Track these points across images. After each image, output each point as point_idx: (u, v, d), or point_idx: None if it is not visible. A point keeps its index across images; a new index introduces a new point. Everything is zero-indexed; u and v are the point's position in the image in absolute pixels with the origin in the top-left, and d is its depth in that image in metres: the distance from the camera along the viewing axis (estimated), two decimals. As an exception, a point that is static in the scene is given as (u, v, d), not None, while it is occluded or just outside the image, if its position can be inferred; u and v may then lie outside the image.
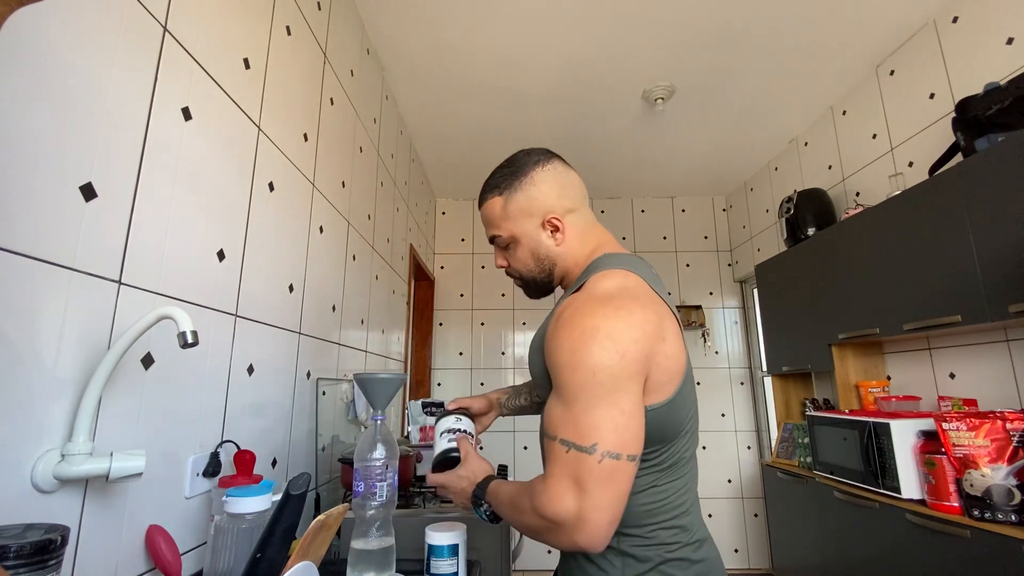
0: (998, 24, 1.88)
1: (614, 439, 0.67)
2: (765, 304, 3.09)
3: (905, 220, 1.99)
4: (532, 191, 0.88)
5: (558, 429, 0.70)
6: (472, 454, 0.92)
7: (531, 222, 0.89)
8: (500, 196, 0.89)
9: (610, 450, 0.66)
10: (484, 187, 0.93)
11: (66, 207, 0.70)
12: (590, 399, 0.68)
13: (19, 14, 0.62)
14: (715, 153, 3.39)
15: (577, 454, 0.67)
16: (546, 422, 0.74)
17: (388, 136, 2.52)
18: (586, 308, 0.73)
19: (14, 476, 0.62)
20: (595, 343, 0.69)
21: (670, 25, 2.18)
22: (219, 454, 1.00)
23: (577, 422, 0.68)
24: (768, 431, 3.60)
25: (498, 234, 0.91)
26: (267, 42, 1.29)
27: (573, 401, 0.69)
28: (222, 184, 1.08)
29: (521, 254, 0.91)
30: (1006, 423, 1.56)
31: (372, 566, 0.83)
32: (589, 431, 0.67)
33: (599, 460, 0.66)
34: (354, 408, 1.81)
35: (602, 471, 0.66)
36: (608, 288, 0.77)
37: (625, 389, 0.69)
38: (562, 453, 0.68)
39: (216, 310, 1.05)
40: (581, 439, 0.67)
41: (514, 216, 0.89)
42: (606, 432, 0.67)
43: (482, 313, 3.91)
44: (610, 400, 0.68)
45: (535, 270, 0.91)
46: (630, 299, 0.74)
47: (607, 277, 0.80)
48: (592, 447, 0.66)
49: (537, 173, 0.89)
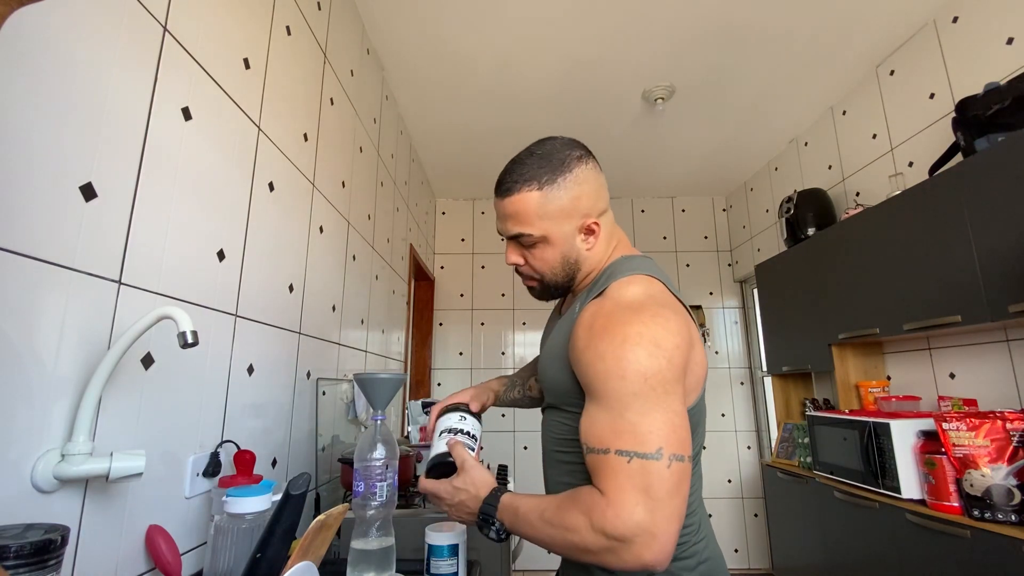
0: (998, 24, 1.88)
1: (676, 442, 0.65)
2: (765, 304, 3.09)
3: (905, 220, 1.99)
4: (576, 189, 0.81)
5: (610, 440, 0.66)
6: (470, 463, 0.82)
7: (569, 224, 0.82)
8: (539, 190, 0.80)
9: (676, 453, 0.64)
10: (514, 176, 0.81)
11: (66, 207, 0.70)
12: (645, 404, 0.66)
13: (19, 14, 0.62)
14: (715, 153, 3.39)
15: (642, 462, 0.63)
16: (590, 436, 0.69)
17: (388, 136, 2.52)
18: (623, 316, 0.71)
19: (14, 476, 0.62)
20: (642, 349, 0.67)
21: (670, 25, 2.18)
22: (219, 454, 1.00)
23: (635, 429, 0.65)
24: (768, 431, 3.60)
25: (529, 232, 0.81)
26: (267, 42, 1.29)
27: (625, 409, 0.66)
28: (222, 184, 1.08)
29: (550, 255, 0.83)
30: (1006, 423, 1.56)
31: (372, 566, 0.83)
32: (650, 437, 0.64)
33: (668, 465, 0.63)
34: (354, 408, 1.81)
35: (672, 477, 0.63)
36: (636, 295, 0.75)
37: (675, 392, 0.67)
38: (623, 464, 0.64)
39: (216, 310, 1.05)
40: (643, 446, 0.64)
41: (553, 215, 0.80)
42: (667, 435, 0.64)
43: (482, 313, 3.91)
44: (665, 404, 0.66)
45: (560, 273, 0.85)
46: (661, 306, 0.73)
47: (632, 283, 0.77)
48: (658, 452, 0.63)
49: (580, 169, 0.82)
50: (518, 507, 0.74)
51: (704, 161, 3.50)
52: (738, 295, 3.94)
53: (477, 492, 0.79)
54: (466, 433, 0.89)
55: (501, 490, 0.79)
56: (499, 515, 0.76)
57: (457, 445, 0.85)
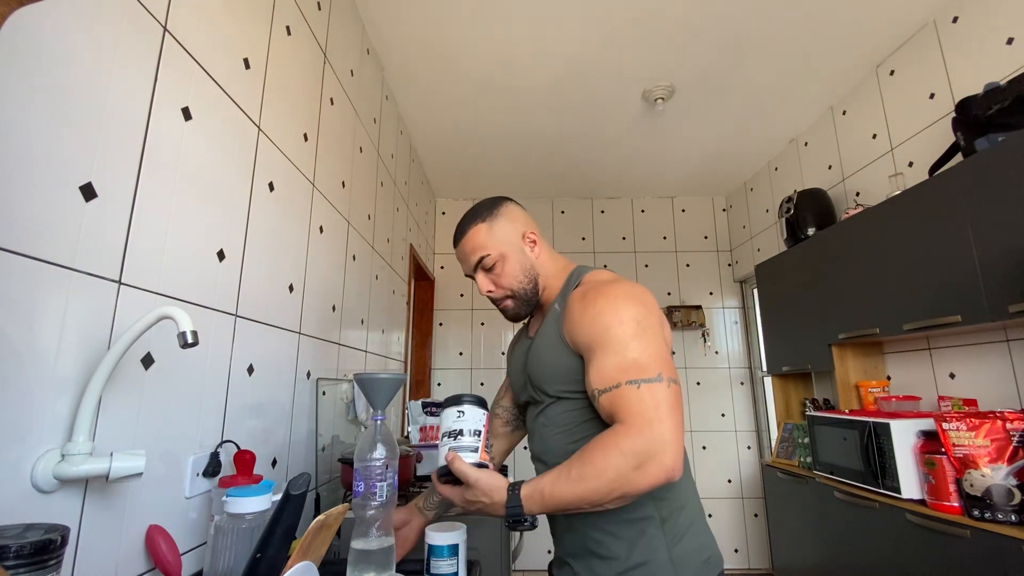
0: (998, 24, 1.88)
1: (668, 369, 0.80)
2: (765, 304, 3.09)
3: (905, 220, 1.99)
4: (510, 215, 1.03)
5: (619, 376, 0.79)
6: (472, 476, 0.83)
7: (515, 238, 1.01)
8: (484, 223, 1.01)
9: (672, 377, 0.79)
10: (462, 226, 1.03)
11: (66, 207, 0.70)
12: (641, 342, 0.81)
13: (19, 14, 0.62)
14: (715, 153, 3.39)
15: (649, 386, 0.76)
16: (600, 379, 0.81)
17: (388, 136, 2.52)
18: (608, 287, 0.88)
19: (14, 476, 0.62)
20: (630, 303, 0.85)
21: (670, 25, 2.18)
22: (219, 454, 1.00)
23: (638, 362, 0.79)
24: (768, 431, 3.60)
25: (487, 254, 0.99)
26: (267, 42, 1.29)
27: (626, 348, 0.80)
28: (222, 184, 1.08)
29: (510, 268, 1.00)
30: (1006, 423, 1.56)
31: (372, 566, 0.83)
32: (651, 365, 0.78)
33: (667, 385, 0.77)
34: (354, 408, 1.81)
35: (671, 395, 0.77)
36: (610, 276, 0.94)
37: (659, 335, 0.83)
38: (634, 391, 0.77)
39: (216, 310, 1.05)
40: (646, 373, 0.78)
41: (499, 235, 1.00)
42: (663, 364, 0.79)
43: (482, 313, 3.91)
44: (654, 341, 0.82)
45: (524, 281, 1.01)
46: (632, 283, 0.91)
47: (601, 272, 0.97)
48: (659, 376, 0.78)
49: (509, 205, 1.05)
50: (542, 489, 0.79)
51: (704, 161, 3.50)
52: (738, 295, 3.94)
53: (493, 500, 0.82)
54: (465, 432, 0.87)
55: (517, 486, 0.82)
56: (527, 512, 0.81)
57: (456, 460, 0.84)
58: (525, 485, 0.82)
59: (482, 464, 0.86)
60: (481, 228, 1.01)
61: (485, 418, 0.90)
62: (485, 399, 0.93)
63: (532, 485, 0.81)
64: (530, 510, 0.80)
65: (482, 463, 0.86)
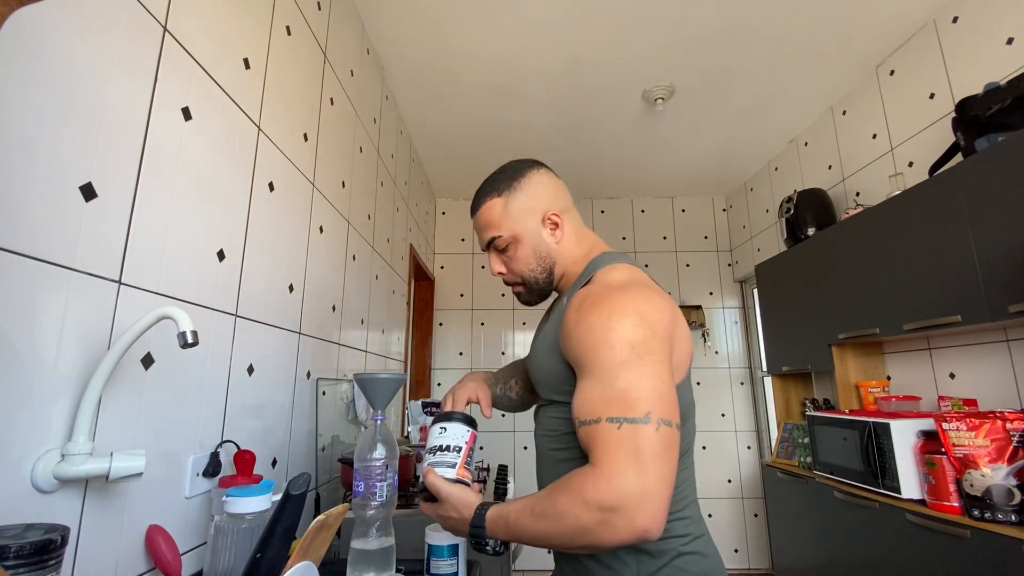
0: (998, 24, 1.88)
1: (663, 407, 0.66)
2: (765, 304, 3.09)
3: (905, 220, 1.99)
4: (530, 189, 0.91)
5: (600, 409, 0.67)
6: (444, 490, 0.80)
7: (532, 219, 0.90)
8: (500, 197, 0.91)
9: (663, 417, 0.65)
10: (479, 194, 0.94)
11: (66, 207, 0.70)
12: (632, 372, 0.68)
13: (19, 14, 0.62)
14: (715, 153, 3.39)
15: (632, 427, 0.64)
16: (582, 409, 0.70)
17: (388, 136, 2.52)
18: (608, 295, 0.76)
19: (14, 476, 0.62)
20: (627, 320, 0.71)
21: (670, 25, 2.18)
22: (219, 454, 1.00)
23: (625, 396, 0.66)
24: (768, 431, 3.60)
25: (499, 235, 0.90)
26: (267, 42, 1.29)
27: (615, 377, 0.68)
28: (222, 184, 1.08)
29: (523, 253, 0.91)
30: (1006, 423, 1.56)
31: (372, 566, 0.83)
32: (638, 402, 0.66)
33: (656, 428, 0.64)
34: (354, 408, 1.81)
35: (660, 440, 0.64)
36: (620, 279, 0.81)
37: (662, 361, 0.70)
38: (613, 431, 0.65)
39: (216, 310, 1.05)
40: (632, 411, 0.65)
41: (515, 215, 0.90)
42: (655, 400, 0.66)
43: (482, 313, 3.91)
44: (652, 371, 0.68)
45: (537, 270, 0.91)
46: (644, 287, 0.78)
47: (615, 270, 0.83)
48: (646, 416, 0.65)
49: (533, 174, 0.92)
50: (507, 515, 0.72)
51: (704, 161, 3.50)
52: (738, 295, 3.94)
53: (462, 515, 0.78)
54: (446, 448, 0.84)
55: (485, 506, 0.77)
56: (489, 533, 0.74)
57: (429, 474, 0.82)
58: (494, 507, 0.76)
59: (460, 480, 0.82)
60: (496, 203, 0.91)
61: (469, 436, 0.86)
62: (473, 418, 0.89)
63: (499, 509, 0.75)
64: (494, 533, 0.74)
65: (459, 479, 0.82)
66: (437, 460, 0.83)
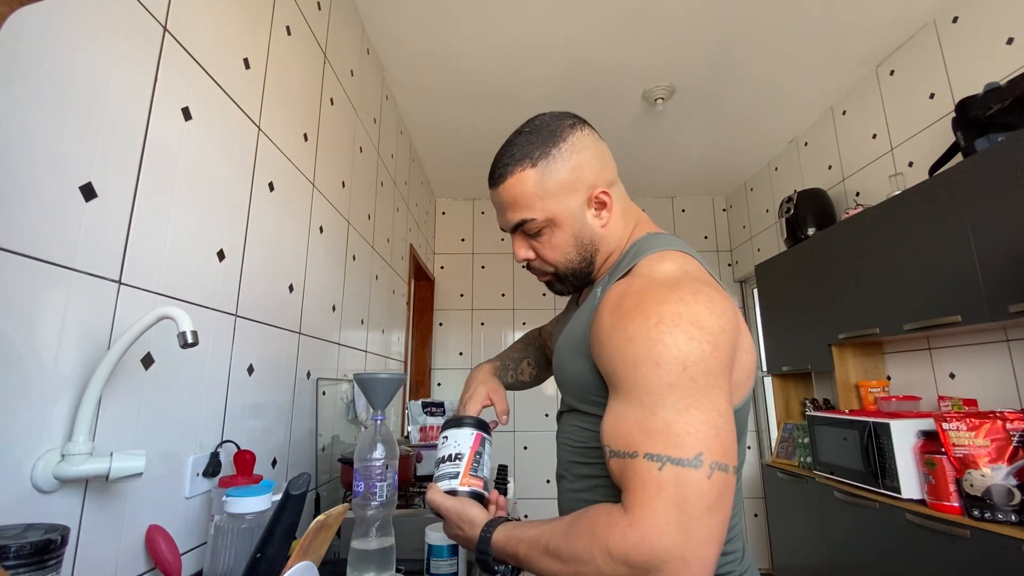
0: (998, 24, 1.88)
1: (718, 446, 0.53)
2: (765, 304, 3.09)
3: (905, 220, 1.99)
4: (575, 159, 0.71)
5: (638, 442, 0.55)
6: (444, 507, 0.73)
7: (575, 199, 0.71)
8: (533, 168, 0.70)
9: (718, 460, 0.52)
10: (503, 160, 0.73)
11: (66, 207, 0.70)
12: (682, 398, 0.54)
13: (19, 14, 0.62)
14: (715, 153, 3.39)
15: (677, 470, 0.52)
16: (614, 437, 0.58)
17: (388, 136, 2.52)
18: (656, 293, 0.60)
19: (14, 476, 0.62)
20: (680, 331, 0.56)
21: (670, 25, 2.18)
22: (219, 454, 1.00)
23: (669, 429, 0.53)
24: (768, 431, 3.60)
25: (531, 217, 0.71)
26: (267, 42, 1.29)
27: (657, 404, 0.55)
28: (222, 184, 1.08)
29: (560, 240, 0.73)
30: (1006, 423, 1.56)
31: (372, 566, 0.83)
32: (687, 439, 0.52)
33: (708, 475, 0.51)
34: (354, 408, 1.81)
35: (712, 489, 0.51)
36: (671, 271, 0.65)
37: (720, 386, 0.56)
38: (652, 471, 0.52)
39: (216, 310, 1.05)
40: (679, 449, 0.52)
41: (554, 192, 0.71)
42: (708, 438, 0.53)
43: (482, 313, 3.91)
44: (707, 400, 0.54)
45: (576, 259, 0.74)
46: (702, 283, 0.63)
47: (664, 259, 0.67)
48: (697, 459, 0.52)
49: (576, 137, 0.72)
50: (517, 545, 0.63)
51: (704, 161, 3.50)
52: (738, 295, 3.94)
53: (466, 534, 0.70)
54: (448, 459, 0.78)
55: (492, 526, 0.67)
56: (496, 558, 0.66)
57: (430, 490, 0.76)
58: (501, 529, 0.66)
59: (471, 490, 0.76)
60: (528, 177, 0.71)
61: (473, 438, 0.78)
62: (478, 418, 0.82)
63: (508, 534, 0.65)
64: (502, 560, 0.65)
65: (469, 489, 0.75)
66: (440, 473, 0.78)
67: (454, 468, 0.77)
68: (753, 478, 3.62)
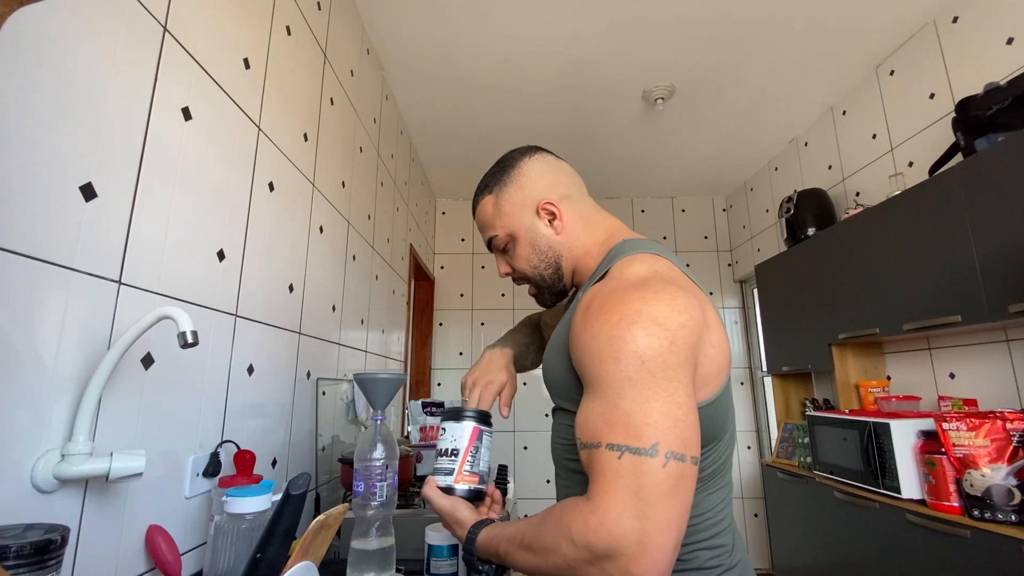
0: (998, 24, 1.88)
1: (675, 437, 0.56)
2: (765, 304, 3.09)
3: (905, 220, 1.99)
4: (522, 180, 0.84)
5: (601, 433, 0.58)
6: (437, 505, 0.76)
7: (525, 214, 0.83)
8: (491, 194, 0.86)
9: (674, 450, 0.55)
10: (476, 192, 0.89)
11: (66, 207, 0.70)
12: (641, 391, 0.57)
13: (19, 14, 0.62)
14: (715, 153, 3.39)
15: (634, 458, 0.55)
16: (583, 429, 0.62)
17: (388, 136, 2.52)
18: (620, 294, 0.65)
19: (14, 476, 0.62)
20: (639, 328, 0.60)
21: (670, 25, 2.18)
22: (219, 454, 1.00)
23: (629, 420, 0.57)
24: (768, 431, 3.60)
25: (494, 234, 0.86)
26: (267, 42, 1.29)
27: (619, 397, 0.58)
28: (222, 184, 1.08)
29: (521, 251, 0.84)
30: (1006, 423, 1.56)
31: (372, 566, 0.83)
32: (645, 429, 0.56)
33: (663, 463, 0.55)
34: (354, 408, 1.81)
35: (668, 477, 0.54)
36: (639, 272, 0.69)
37: (679, 379, 0.59)
38: (612, 460, 0.56)
39: (216, 310, 1.05)
40: (637, 439, 0.56)
41: (507, 211, 0.84)
42: (666, 429, 0.56)
43: (482, 313, 3.91)
44: (665, 392, 0.57)
45: (540, 266, 0.84)
46: (667, 282, 0.66)
47: (634, 261, 0.72)
48: (653, 448, 0.55)
49: (525, 163, 0.86)
50: (498, 543, 0.66)
51: (704, 161, 3.50)
52: (738, 295, 3.94)
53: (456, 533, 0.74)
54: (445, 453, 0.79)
55: (478, 528, 0.70)
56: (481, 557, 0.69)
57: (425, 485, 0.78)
58: (486, 530, 0.69)
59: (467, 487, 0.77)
60: (488, 202, 0.86)
61: (470, 431, 0.78)
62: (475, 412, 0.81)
63: (491, 534, 0.68)
64: (487, 559, 0.69)
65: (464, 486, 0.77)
66: (437, 467, 0.79)
67: (450, 464, 0.78)
68: (753, 478, 3.62)
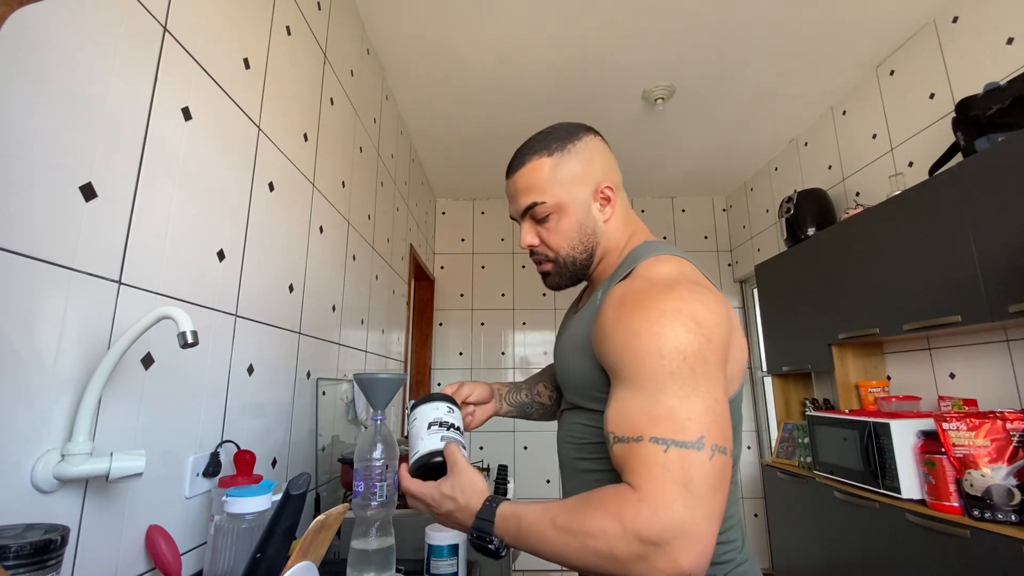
0: (998, 24, 1.87)
1: (718, 431, 0.58)
2: (765, 304, 3.09)
3: (905, 220, 1.99)
4: (589, 155, 0.80)
5: (644, 427, 0.59)
6: (461, 465, 0.73)
7: (583, 190, 0.79)
8: (549, 157, 0.79)
9: (718, 443, 0.57)
10: (522, 152, 0.82)
11: (66, 207, 0.70)
12: (684, 387, 0.59)
13: (19, 14, 0.62)
14: (715, 153, 3.39)
15: (681, 451, 0.56)
16: (619, 423, 0.62)
17: (388, 136, 2.52)
18: (657, 292, 0.66)
19: (14, 476, 0.62)
20: (680, 325, 0.61)
21: (670, 25, 2.18)
22: (219, 454, 1.00)
23: (673, 415, 0.58)
24: (768, 431, 3.60)
25: (541, 200, 0.78)
26: (267, 42, 1.29)
27: (660, 391, 0.59)
28: (222, 184, 1.08)
29: (566, 226, 0.79)
30: (1006, 423, 1.56)
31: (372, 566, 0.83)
32: (689, 423, 0.57)
33: (710, 456, 0.56)
34: (354, 408, 1.81)
35: (714, 470, 0.56)
36: (668, 273, 0.70)
37: (716, 376, 0.61)
38: (659, 454, 0.56)
39: (216, 310, 1.05)
40: (682, 433, 0.57)
41: (565, 180, 0.78)
42: (709, 423, 0.58)
43: (482, 313, 3.91)
44: (706, 388, 0.59)
45: (578, 248, 0.80)
46: (696, 284, 0.68)
47: (661, 262, 0.73)
48: (699, 441, 0.56)
49: (591, 139, 0.82)
50: (521, 517, 0.64)
51: (704, 161, 3.50)
52: (738, 295, 3.94)
53: (468, 503, 0.69)
54: (456, 428, 0.78)
55: (497, 500, 0.68)
56: (497, 531, 0.66)
57: (451, 444, 0.75)
58: (507, 503, 0.67)
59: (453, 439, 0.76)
60: (544, 164, 0.79)
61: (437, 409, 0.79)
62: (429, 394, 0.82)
63: (513, 508, 0.66)
64: (500, 534, 0.66)
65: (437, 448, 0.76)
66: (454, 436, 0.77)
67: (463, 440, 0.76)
68: (753, 478, 3.62)
